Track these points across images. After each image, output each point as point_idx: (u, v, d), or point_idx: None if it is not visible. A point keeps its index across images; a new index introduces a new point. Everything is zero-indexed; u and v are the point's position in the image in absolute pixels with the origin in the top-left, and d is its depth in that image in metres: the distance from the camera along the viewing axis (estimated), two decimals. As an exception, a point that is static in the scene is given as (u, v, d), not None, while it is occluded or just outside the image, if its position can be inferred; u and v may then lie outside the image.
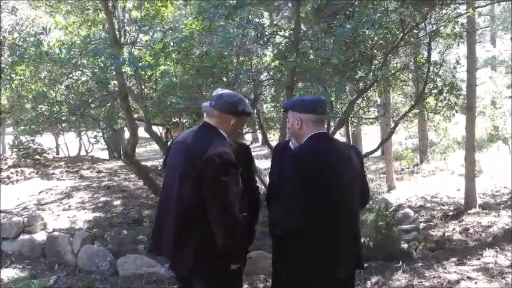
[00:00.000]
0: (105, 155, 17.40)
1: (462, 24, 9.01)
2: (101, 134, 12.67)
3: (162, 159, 12.35)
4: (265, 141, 8.97)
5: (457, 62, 10.25)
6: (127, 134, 12.04)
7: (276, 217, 3.27)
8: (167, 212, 3.46)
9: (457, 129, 19.20)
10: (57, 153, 15.58)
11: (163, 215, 3.54)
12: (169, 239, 3.40)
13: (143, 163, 11.46)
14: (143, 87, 7.41)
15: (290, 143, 3.54)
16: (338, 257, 3.26)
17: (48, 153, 13.92)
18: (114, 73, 6.93)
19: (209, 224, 3.20)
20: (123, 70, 7.29)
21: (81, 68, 6.92)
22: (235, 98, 3.55)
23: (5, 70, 10.88)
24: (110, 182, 10.88)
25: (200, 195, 3.21)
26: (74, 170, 12.20)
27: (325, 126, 8.06)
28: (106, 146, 17.33)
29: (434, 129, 18.69)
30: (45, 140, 14.69)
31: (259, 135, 11.54)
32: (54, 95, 7.46)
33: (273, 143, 8.90)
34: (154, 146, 18.05)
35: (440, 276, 6.11)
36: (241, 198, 3.27)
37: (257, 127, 9.63)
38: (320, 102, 3.53)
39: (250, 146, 4.02)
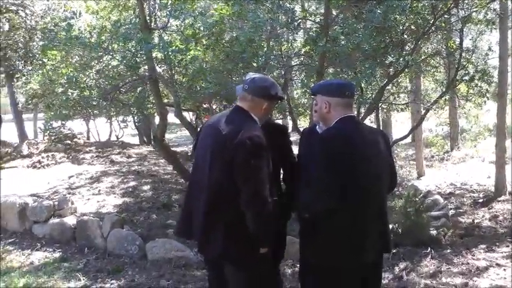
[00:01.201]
0: (135, 140, 17.53)
1: (495, 10, 8.81)
2: (130, 118, 12.82)
3: (192, 145, 12.43)
4: (295, 127, 8.94)
5: (489, 49, 10.07)
6: (157, 120, 12.15)
7: (304, 200, 3.27)
8: (197, 194, 3.48)
9: (488, 116, 18.88)
10: (88, 139, 15.78)
11: (193, 197, 3.56)
12: (199, 222, 3.42)
13: (173, 149, 11.55)
14: (173, 72, 7.43)
15: (317, 127, 3.53)
16: (366, 241, 3.25)
17: (79, 138, 14.13)
18: (144, 58, 6.97)
19: (239, 207, 3.21)
20: (153, 55, 7.31)
21: (111, 53, 6.96)
22: (267, 82, 3.55)
23: (37, 55, 11.06)
24: (139, 167, 11.00)
25: (231, 178, 3.22)
26: (104, 155, 12.36)
27: (355, 112, 8.06)
28: (136, 131, 17.49)
29: (465, 117, 18.42)
30: (76, 125, 14.87)
31: (290, 122, 11.47)
32: (84, 79, 7.52)
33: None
34: (185, 132, 18.07)
35: (468, 263, 6.07)
36: (271, 182, 3.28)
37: (287, 113, 9.60)
38: (348, 85, 3.51)
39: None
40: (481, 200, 10.61)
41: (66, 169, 10.97)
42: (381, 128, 13.56)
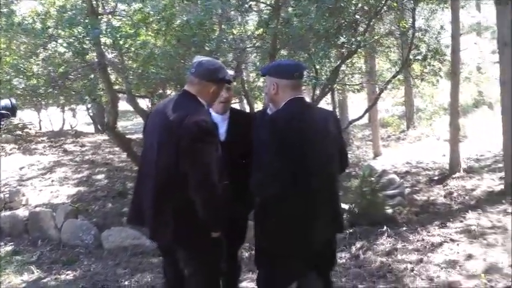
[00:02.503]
0: (90, 129, 17.21)
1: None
2: (84, 107, 12.54)
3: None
4: (251, 111, 8.89)
5: (441, 28, 10.20)
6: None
7: (255, 184, 3.22)
8: (145, 180, 3.40)
9: (443, 95, 19.17)
10: (40, 129, 15.35)
11: (142, 184, 3.47)
12: (149, 209, 3.34)
13: (129, 136, 11.35)
14: (123, 58, 7.26)
15: (268, 109, 3.48)
16: (317, 226, 3.22)
17: (30, 129, 13.75)
18: (92, 44, 6.77)
19: (188, 192, 3.15)
20: (102, 41, 7.12)
21: (57, 39, 6.75)
22: (215, 65, 3.47)
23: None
24: (93, 156, 10.80)
25: (178, 162, 3.15)
26: (57, 144, 12.08)
27: (311, 93, 8.05)
28: (91, 120, 17.15)
29: (420, 96, 18.63)
30: (28, 115, 14.50)
31: (247, 106, 11.37)
32: (30, 67, 7.28)
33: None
34: (140, 119, 17.86)
35: (423, 240, 6.15)
36: (223, 167, 3.22)
37: (243, 97, 9.52)
38: (297, 66, 3.47)
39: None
40: (436, 178, 10.80)
41: (17, 160, 10.66)
42: (337, 110, 13.64)
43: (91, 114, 15.60)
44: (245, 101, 9.80)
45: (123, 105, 8.57)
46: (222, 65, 3.53)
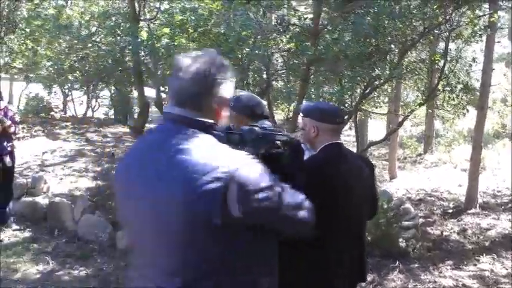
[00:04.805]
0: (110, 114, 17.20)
1: (484, 28, 8.80)
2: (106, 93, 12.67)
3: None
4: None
5: (473, 60, 10.15)
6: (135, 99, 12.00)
7: None
8: None
9: (464, 121, 19.11)
10: (65, 113, 15.47)
11: None
12: None
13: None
14: (157, 65, 7.31)
15: (302, 145, 3.51)
16: (341, 271, 3.25)
17: (56, 112, 13.91)
18: (131, 51, 6.83)
19: None
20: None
21: (99, 45, 6.85)
22: (254, 101, 3.53)
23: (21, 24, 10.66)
24: (114, 149, 10.88)
25: None
26: (80, 132, 12.20)
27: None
28: (113, 108, 17.16)
29: (440, 118, 18.51)
30: (52, 98, 14.62)
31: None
32: (67, 63, 7.38)
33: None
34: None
35: (435, 281, 6.17)
36: None
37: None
38: (340, 112, 3.51)
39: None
40: (450, 211, 10.75)
41: (40, 144, 10.80)
42: (357, 129, 13.61)
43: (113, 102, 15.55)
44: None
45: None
46: (260, 101, 3.59)
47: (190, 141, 1.90)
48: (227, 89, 2.05)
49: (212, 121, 2.02)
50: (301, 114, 3.59)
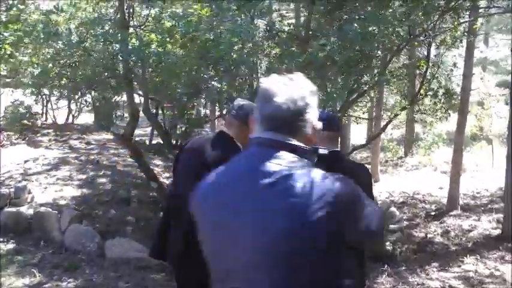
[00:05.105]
0: (91, 118, 16.88)
1: (465, 33, 9.00)
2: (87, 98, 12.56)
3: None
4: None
5: (454, 65, 10.33)
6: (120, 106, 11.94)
7: None
8: None
9: (443, 124, 19.34)
10: (46, 120, 15.22)
11: None
12: None
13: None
14: (146, 72, 7.28)
15: None
16: None
17: (37, 119, 13.68)
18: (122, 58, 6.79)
19: None
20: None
21: (91, 53, 6.80)
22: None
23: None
24: (98, 156, 10.78)
25: None
26: (63, 139, 12.04)
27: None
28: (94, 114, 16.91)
29: (421, 121, 18.70)
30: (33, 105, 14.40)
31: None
32: (55, 70, 7.29)
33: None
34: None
35: (423, 283, 6.27)
36: None
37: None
38: (335, 119, 3.53)
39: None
40: (433, 213, 10.91)
41: (21, 152, 10.63)
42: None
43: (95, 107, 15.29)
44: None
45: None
46: None
47: (291, 166, 1.83)
48: (315, 113, 2.03)
49: (304, 145, 2.00)
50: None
